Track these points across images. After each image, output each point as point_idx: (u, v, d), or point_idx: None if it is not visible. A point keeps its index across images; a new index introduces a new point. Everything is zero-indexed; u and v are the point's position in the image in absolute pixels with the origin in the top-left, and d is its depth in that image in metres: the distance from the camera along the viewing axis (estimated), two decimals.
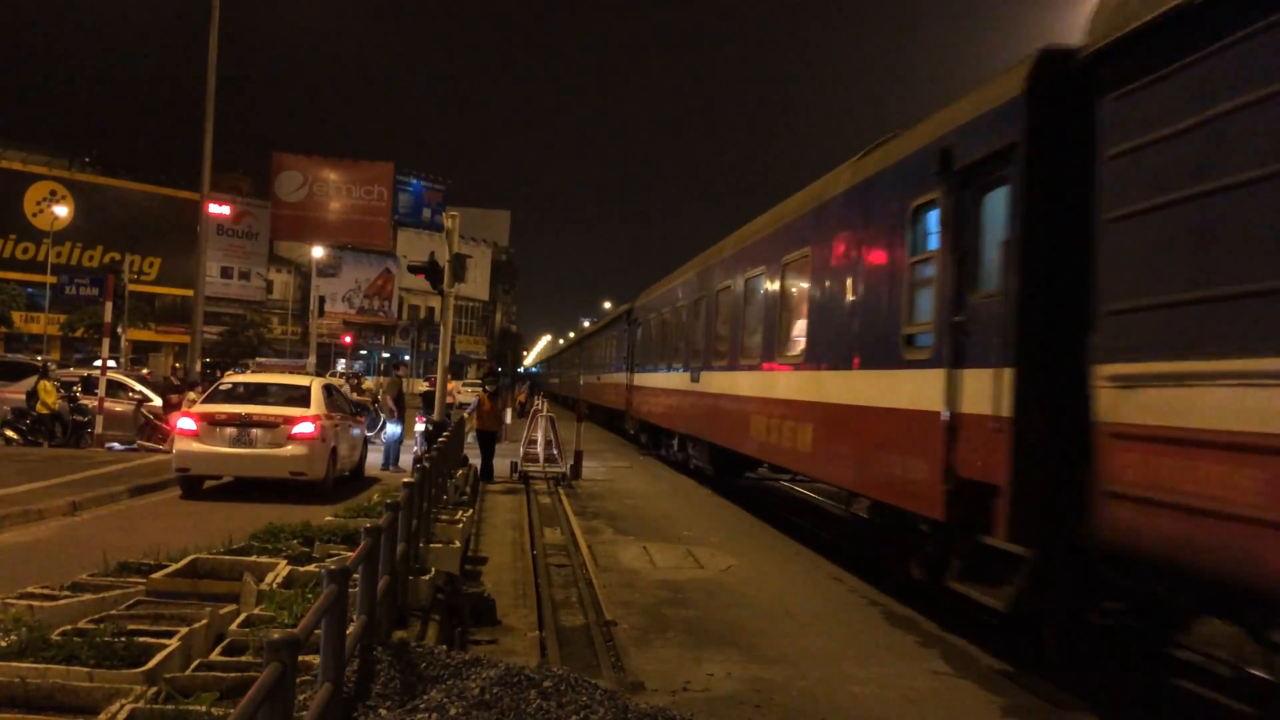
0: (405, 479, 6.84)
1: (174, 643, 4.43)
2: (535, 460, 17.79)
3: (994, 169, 6.59)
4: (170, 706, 3.78)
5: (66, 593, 5.53)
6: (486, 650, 6.36)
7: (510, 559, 9.81)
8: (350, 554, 5.01)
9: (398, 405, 18.60)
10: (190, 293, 25.79)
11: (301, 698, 3.58)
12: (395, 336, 75.41)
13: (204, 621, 4.84)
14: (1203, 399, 4.68)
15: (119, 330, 30.45)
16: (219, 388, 14.38)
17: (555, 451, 17.98)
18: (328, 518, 8.29)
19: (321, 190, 67.92)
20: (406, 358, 66.15)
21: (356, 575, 4.45)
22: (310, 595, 5.25)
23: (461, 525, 8.62)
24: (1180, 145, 4.97)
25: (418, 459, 13.24)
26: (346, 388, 23.10)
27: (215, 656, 4.57)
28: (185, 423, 12.84)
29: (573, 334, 78.56)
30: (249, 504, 12.13)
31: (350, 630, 4.23)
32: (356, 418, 16.01)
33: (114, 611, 5.13)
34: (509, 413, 26.67)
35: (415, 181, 76.63)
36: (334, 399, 14.65)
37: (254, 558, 6.44)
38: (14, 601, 5.16)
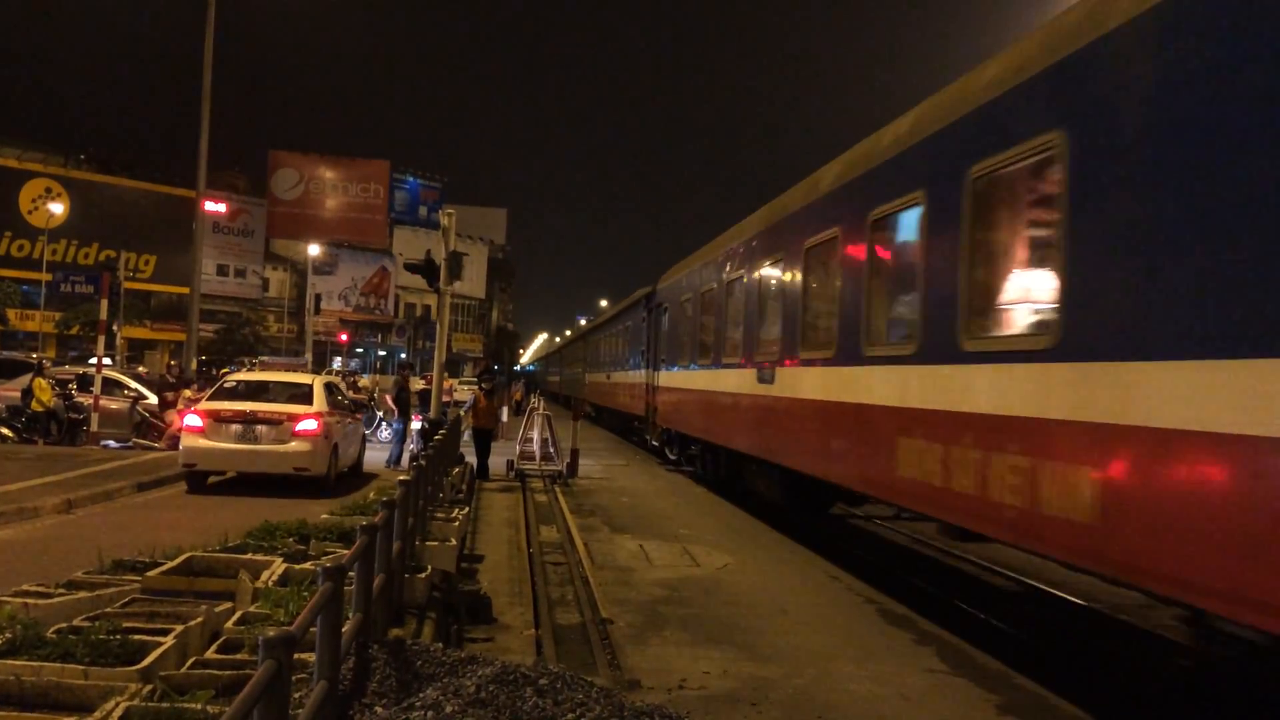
0: (402, 477, 6.84)
1: (169, 640, 4.42)
2: (532, 459, 17.81)
3: None
4: (166, 704, 3.77)
5: (61, 590, 5.51)
6: (482, 648, 6.36)
7: (506, 557, 9.82)
8: (346, 552, 5.01)
9: (398, 404, 18.62)
10: (186, 290, 25.69)
11: (297, 695, 3.57)
12: (392, 334, 75.35)
13: (199, 619, 4.83)
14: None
15: (114, 328, 30.41)
16: (223, 385, 14.59)
17: (552, 450, 17.99)
18: (324, 516, 8.30)
19: (318, 188, 67.68)
20: (404, 355, 66.11)
21: (352, 573, 4.45)
22: (306, 593, 5.24)
23: (458, 523, 8.61)
24: None
25: (414, 457, 13.30)
26: (343, 385, 23.08)
27: (211, 654, 4.57)
28: (192, 419, 13.11)
29: (569, 331, 78.31)
30: (247, 498, 12.21)
31: (346, 628, 4.23)
32: (355, 415, 16.24)
33: (109, 609, 5.11)
34: (505, 411, 26.64)
35: (412, 179, 76.45)
36: (335, 396, 14.85)
37: (250, 555, 6.42)
38: (9, 599, 5.14)
